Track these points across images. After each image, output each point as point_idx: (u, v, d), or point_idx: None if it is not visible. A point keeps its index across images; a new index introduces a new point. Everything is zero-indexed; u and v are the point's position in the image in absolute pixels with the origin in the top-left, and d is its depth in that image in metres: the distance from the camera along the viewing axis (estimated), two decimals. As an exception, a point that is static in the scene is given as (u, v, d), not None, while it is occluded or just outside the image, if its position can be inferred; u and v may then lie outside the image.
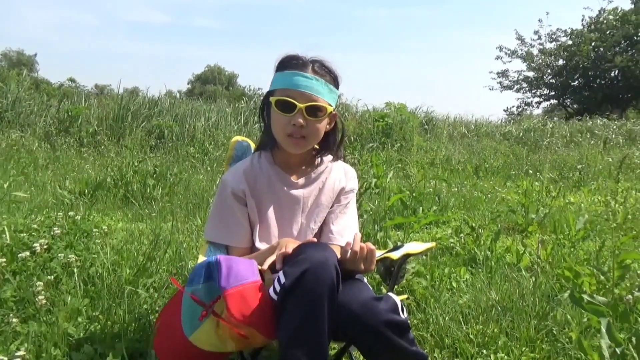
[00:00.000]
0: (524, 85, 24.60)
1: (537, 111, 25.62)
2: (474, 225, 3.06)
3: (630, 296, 1.63)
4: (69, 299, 1.75)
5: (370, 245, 1.24)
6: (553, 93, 24.91)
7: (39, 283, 1.74)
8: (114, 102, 9.77)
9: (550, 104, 26.43)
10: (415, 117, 10.61)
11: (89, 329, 1.66)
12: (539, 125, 13.61)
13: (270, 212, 1.46)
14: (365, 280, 1.43)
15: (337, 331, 1.16)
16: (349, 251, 1.21)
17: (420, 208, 4.01)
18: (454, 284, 2.44)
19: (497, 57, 24.38)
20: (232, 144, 1.65)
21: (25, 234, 2.40)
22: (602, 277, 2.24)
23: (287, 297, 1.10)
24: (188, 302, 1.19)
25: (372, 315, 1.13)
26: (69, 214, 3.02)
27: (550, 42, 23.81)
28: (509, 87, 24.90)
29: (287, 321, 1.11)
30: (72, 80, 20.08)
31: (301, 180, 1.49)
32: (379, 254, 1.66)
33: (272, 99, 1.39)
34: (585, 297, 1.35)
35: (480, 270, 2.63)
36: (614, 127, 13.27)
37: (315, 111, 1.38)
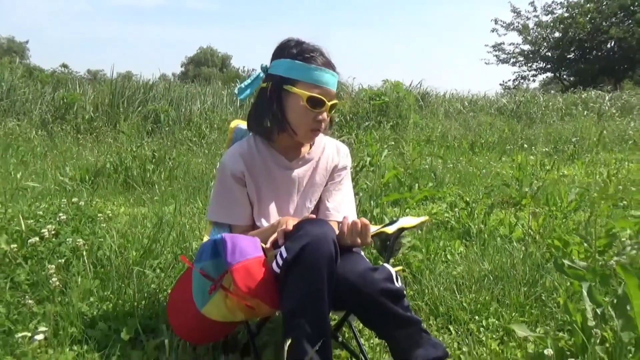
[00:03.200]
0: (520, 58, 24.52)
1: (534, 84, 25.58)
2: (468, 200, 3.15)
3: (613, 262, 1.72)
4: (80, 280, 1.84)
5: (364, 220, 1.32)
6: (549, 66, 24.85)
7: (50, 266, 1.82)
8: (108, 88, 9.76)
9: (547, 77, 26.36)
10: (411, 95, 10.61)
11: (102, 308, 1.74)
12: (532, 98, 13.59)
13: (268, 192, 1.54)
14: (363, 253, 1.51)
15: (337, 301, 1.25)
16: (346, 225, 1.29)
17: (417, 185, 4.10)
18: (449, 257, 2.53)
19: (493, 30, 24.27)
20: (231, 128, 1.71)
21: (32, 221, 2.46)
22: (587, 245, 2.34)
23: (290, 270, 1.18)
24: (198, 278, 1.28)
25: (368, 284, 1.22)
26: (73, 200, 3.10)
27: (546, 14, 23.66)
28: (505, 61, 24.82)
29: (290, 292, 1.19)
30: (65, 66, 19.90)
31: (295, 161, 1.56)
32: (374, 228, 1.74)
33: (302, 93, 1.41)
34: (566, 262, 1.43)
35: (474, 242, 2.72)
36: (608, 98, 13.28)
37: (334, 106, 1.49)
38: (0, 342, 1.44)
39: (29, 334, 1.43)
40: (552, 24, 23.35)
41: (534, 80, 25.39)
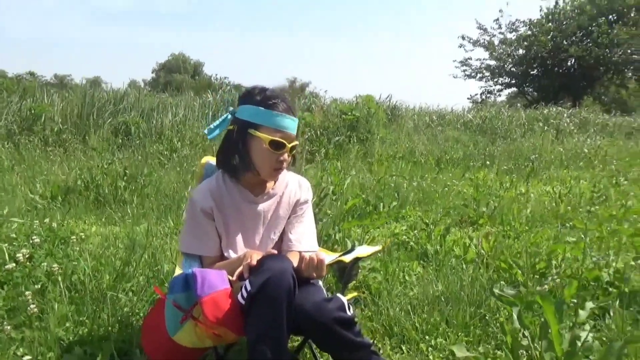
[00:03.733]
0: (487, 73, 25.37)
1: (501, 99, 26.45)
2: (427, 221, 3.36)
3: (544, 286, 1.93)
4: (56, 306, 1.93)
5: (320, 254, 1.48)
6: (514, 81, 25.79)
7: (27, 292, 1.91)
8: (76, 97, 9.67)
9: (512, 92, 27.32)
10: (381, 109, 10.90)
11: (78, 333, 1.85)
12: (497, 113, 14.13)
13: (235, 225, 1.69)
14: (321, 283, 1.68)
15: (296, 327, 1.41)
16: (303, 261, 1.46)
17: (382, 204, 4.31)
18: (407, 278, 2.72)
19: (460, 46, 25.06)
20: (201, 164, 1.86)
21: (6, 244, 2.53)
22: (535, 266, 2.57)
23: (253, 302, 1.34)
24: (170, 308, 1.41)
25: (323, 314, 1.38)
26: (45, 220, 3.16)
27: (510, 32, 24.59)
28: (471, 76, 25.63)
29: (253, 322, 1.34)
30: (31, 74, 19.52)
31: (261, 196, 1.72)
32: (332, 257, 1.92)
33: (264, 137, 1.57)
34: (496, 291, 1.63)
35: (430, 263, 2.92)
36: (567, 115, 13.92)
37: (294, 147, 1.65)
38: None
39: (9, 360, 1.53)
40: (516, 41, 24.29)
41: (499, 95, 26.26)
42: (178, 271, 1.61)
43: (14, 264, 2.15)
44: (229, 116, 1.69)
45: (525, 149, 9.26)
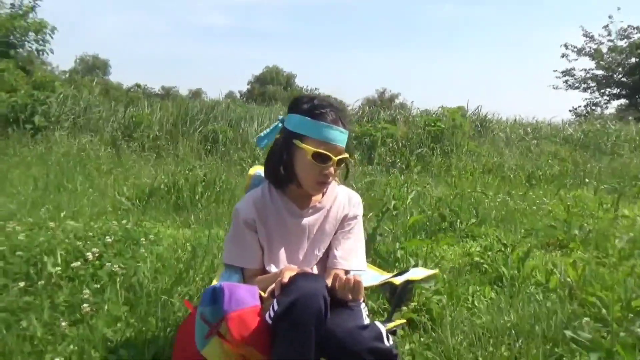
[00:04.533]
0: (592, 84, 23.28)
1: (609, 111, 24.11)
2: (505, 242, 3.05)
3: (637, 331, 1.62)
4: (109, 306, 1.99)
5: (357, 277, 1.35)
6: (625, 92, 23.37)
7: (85, 291, 1.99)
8: (175, 107, 10.38)
9: (622, 104, 24.80)
10: (468, 121, 10.38)
11: (126, 335, 1.87)
12: (603, 127, 12.85)
13: (278, 239, 1.61)
14: (363, 305, 1.53)
15: (329, 355, 1.29)
16: (337, 281, 1.34)
17: (458, 220, 4.02)
18: (476, 304, 2.47)
19: (563, 55, 23.23)
20: (249, 174, 1.81)
21: (81, 242, 2.68)
22: (631, 303, 2.20)
23: (279, 323, 1.24)
24: (198, 321, 1.36)
25: (355, 342, 1.25)
26: (122, 222, 3.33)
27: (621, 39, 22.37)
28: (575, 87, 23.66)
29: (278, 345, 1.24)
30: (138, 85, 21.33)
31: (307, 210, 1.62)
32: (382, 277, 1.77)
33: (307, 149, 1.49)
34: (567, 332, 1.38)
35: (505, 289, 2.64)
36: (689, 130, 12.31)
37: (342, 161, 1.55)
38: (31, 362, 1.59)
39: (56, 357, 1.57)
40: (628, 49, 22.03)
41: (607, 107, 23.93)
42: (215, 283, 1.57)
43: (79, 262, 2.25)
44: (279, 125, 1.63)
45: (633, 166, 8.29)
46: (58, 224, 3.08)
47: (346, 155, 1.57)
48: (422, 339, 2.08)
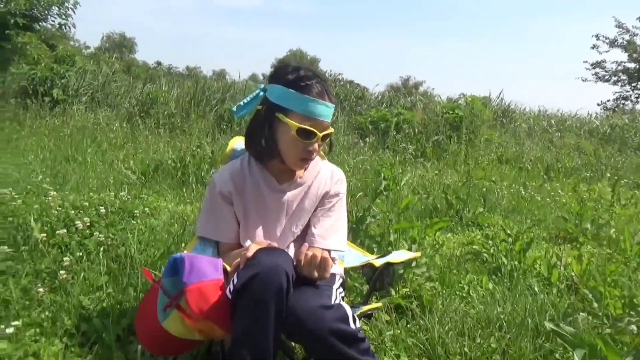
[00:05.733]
0: (623, 77, 22.43)
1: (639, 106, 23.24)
2: (509, 232, 2.94)
3: (628, 327, 1.51)
4: (88, 274, 1.96)
5: (325, 254, 1.27)
6: (659, 87, 22.49)
7: (66, 258, 1.96)
8: (193, 85, 10.37)
9: (656, 98, 23.86)
10: (489, 110, 10.12)
11: (102, 304, 1.84)
12: (632, 121, 12.38)
13: (255, 214, 1.53)
14: (337, 285, 1.46)
15: (290, 333, 1.22)
16: (303, 255, 1.26)
17: (466, 209, 3.91)
18: (472, 293, 2.38)
19: (594, 47, 22.38)
20: (230, 144, 1.74)
21: (74, 211, 2.67)
22: (634, 300, 2.09)
23: (237, 298, 1.18)
24: (160, 293, 1.31)
25: (316, 322, 1.18)
26: (121, 194, 3.32)
27: (658, 30, 21.41)
28: (605, 79, 22.84)
29: (236, 321, 1.19)
30: (159, 63, 21.41)
31: (287, 184, 1.55)
32: (363, 259, 1.69)
33: (291, 124, 1.39)
34: (548, 324, 1.28)
35: (505, 280, 2.53)
36: None
37: (327, 136, 1.47)
38: (2, 326, 1.56)
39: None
40: (665, 41, 21.13)
41: (637, 102, 23.05)
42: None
43: (65, 230, 2.23)
44: (261, 93, 1.53)
45: (659, 162, 7.97)
46: (58, 193, 3.08)
47: (331, 130, 1.48)
48: (408, 326, 2.00)
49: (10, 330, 1.47)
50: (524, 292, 2.32)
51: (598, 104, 23.60)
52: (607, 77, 22.84)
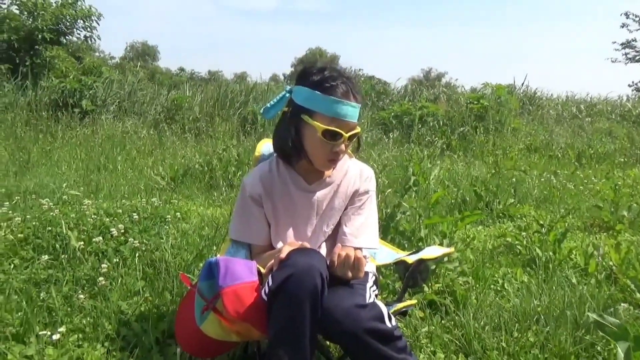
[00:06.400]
0: (656, 57, 21.68)
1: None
2: (542, 223, 2.88)
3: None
4: (125, 280, 2.01)
5: (358, 254, 1.27)
6: (693, 65, 21.63)
7: (104, 265, 2.02)
8: (216, 89, 10.51)
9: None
10: (514, 98, 9.91)
11: (140, 309, 1.89)
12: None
13: (286, 215, 1.54)
14: (371, 284, 1.45)
15: (327, 334, 1.23)
16: (336, 256, 1.27)
17: (497, 200, 3.84)
18: (506, 287, 2.34)
19: (623, 25, 21.67)
20: (259, 147, 1.76)
21: (109, 219, 2.75)
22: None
23: (273, 299, 1.19)
24: (197, 296, 1.33)
25: (352, 322, 1.18)
26: (152, 200, 3.39)
27: (692, 6, 20.56)
28: (636, 60, 22.09)
29: (272, 322, 1.20)
30: (182, 69, 21.75)
31: (316, 184, 1.55)
32: (396, 256, 1.68)
33: (317, 126, 1.39)
34: (592, 315, 1.25)
35: (540, 272, 2.48)
36: None
37: (354, 136, 1.46)
38: (48, 332, 1.62)
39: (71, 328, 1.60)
40: (699, 17, 20.30)
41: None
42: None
43: (101, 238, 2.30)
44: (287, 95, 1.54)
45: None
46: (92, 201, 3.17)
47: (358, 130, 1.47)
48: (443, 322, 1.99)
49: (56, 336, 1.52)
50: (560, 284, 2.27)
51: (629, 85, 22.84)
52: (638, 57, 22.08)
